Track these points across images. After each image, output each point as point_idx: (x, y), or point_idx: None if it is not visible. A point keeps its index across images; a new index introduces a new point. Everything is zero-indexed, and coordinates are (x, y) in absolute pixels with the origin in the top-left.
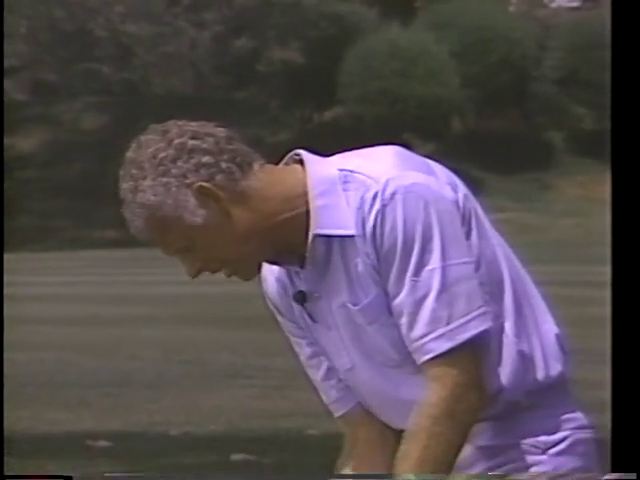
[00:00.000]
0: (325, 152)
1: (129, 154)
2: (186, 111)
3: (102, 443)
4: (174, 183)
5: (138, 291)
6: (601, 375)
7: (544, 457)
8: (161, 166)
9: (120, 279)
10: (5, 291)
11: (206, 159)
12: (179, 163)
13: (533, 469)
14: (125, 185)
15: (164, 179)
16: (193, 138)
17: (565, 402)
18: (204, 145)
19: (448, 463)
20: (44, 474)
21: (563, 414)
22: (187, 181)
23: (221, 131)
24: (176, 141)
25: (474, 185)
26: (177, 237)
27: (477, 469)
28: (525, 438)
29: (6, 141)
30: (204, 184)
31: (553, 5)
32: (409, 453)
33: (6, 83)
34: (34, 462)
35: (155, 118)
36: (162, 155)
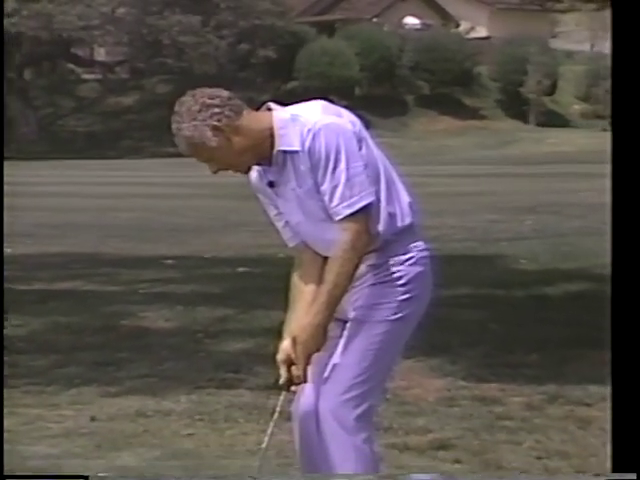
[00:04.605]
0: (286, 104)
1: (175, 108)
2: (211, 85)
3: (169, 262)
4: (200, 124)
5: (186, 180)
6: (436, 222)
7: (402, 267)
8: (192, 115)
9: (176, 174)
10: (114, 179)
11: (217, 110)
12: (202, 113)
13: (395, 274)
14: (174, 125)
15: (194, 122)
16: (210, 98)
17: (413, 237)
18: (216, 102)
19: (353, 273)
20: (60, 474)
21: (412, 243)
22: (206, 122)
23: (226, 93)
24: (200, 100)
25: (365, 123)
26: (203, 153)
27: (367, 276)
28: (392, 257)
29: (115, 99)
30: (216, 123)
31: (407, 27)
32: (332, 269)
33: (116, 69)
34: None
35: (195, 87)
36: (193, 109)
